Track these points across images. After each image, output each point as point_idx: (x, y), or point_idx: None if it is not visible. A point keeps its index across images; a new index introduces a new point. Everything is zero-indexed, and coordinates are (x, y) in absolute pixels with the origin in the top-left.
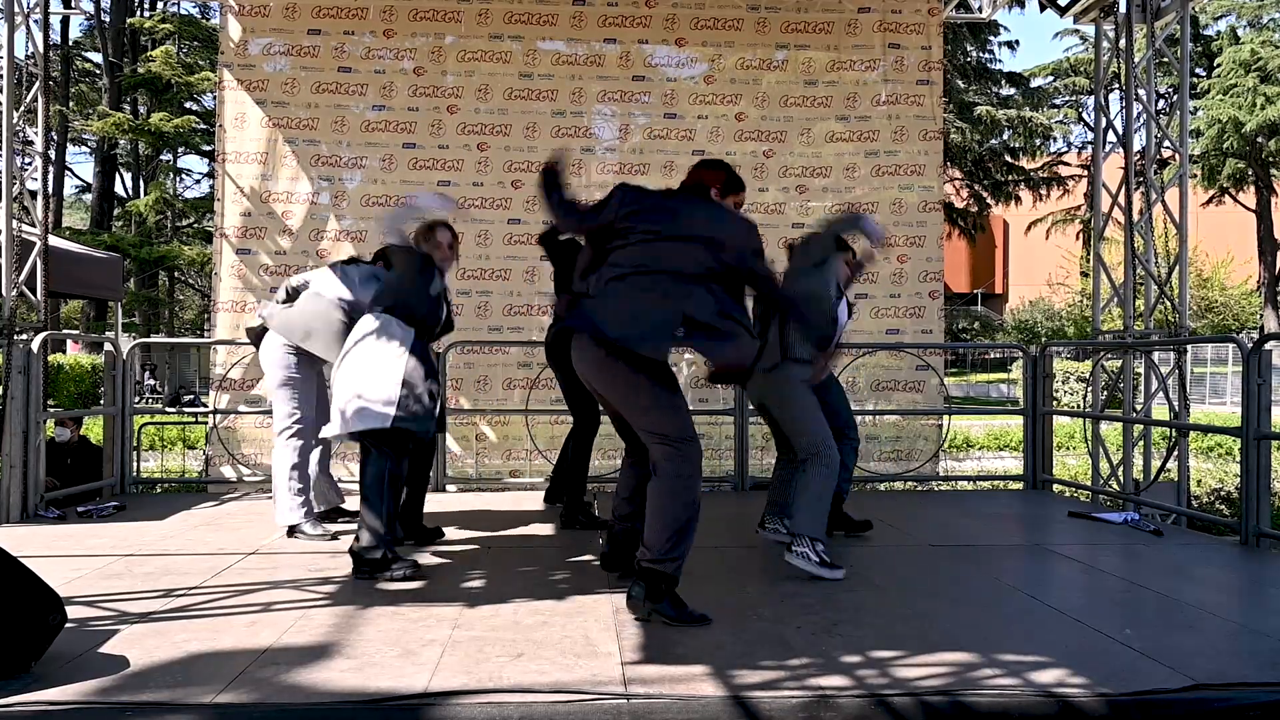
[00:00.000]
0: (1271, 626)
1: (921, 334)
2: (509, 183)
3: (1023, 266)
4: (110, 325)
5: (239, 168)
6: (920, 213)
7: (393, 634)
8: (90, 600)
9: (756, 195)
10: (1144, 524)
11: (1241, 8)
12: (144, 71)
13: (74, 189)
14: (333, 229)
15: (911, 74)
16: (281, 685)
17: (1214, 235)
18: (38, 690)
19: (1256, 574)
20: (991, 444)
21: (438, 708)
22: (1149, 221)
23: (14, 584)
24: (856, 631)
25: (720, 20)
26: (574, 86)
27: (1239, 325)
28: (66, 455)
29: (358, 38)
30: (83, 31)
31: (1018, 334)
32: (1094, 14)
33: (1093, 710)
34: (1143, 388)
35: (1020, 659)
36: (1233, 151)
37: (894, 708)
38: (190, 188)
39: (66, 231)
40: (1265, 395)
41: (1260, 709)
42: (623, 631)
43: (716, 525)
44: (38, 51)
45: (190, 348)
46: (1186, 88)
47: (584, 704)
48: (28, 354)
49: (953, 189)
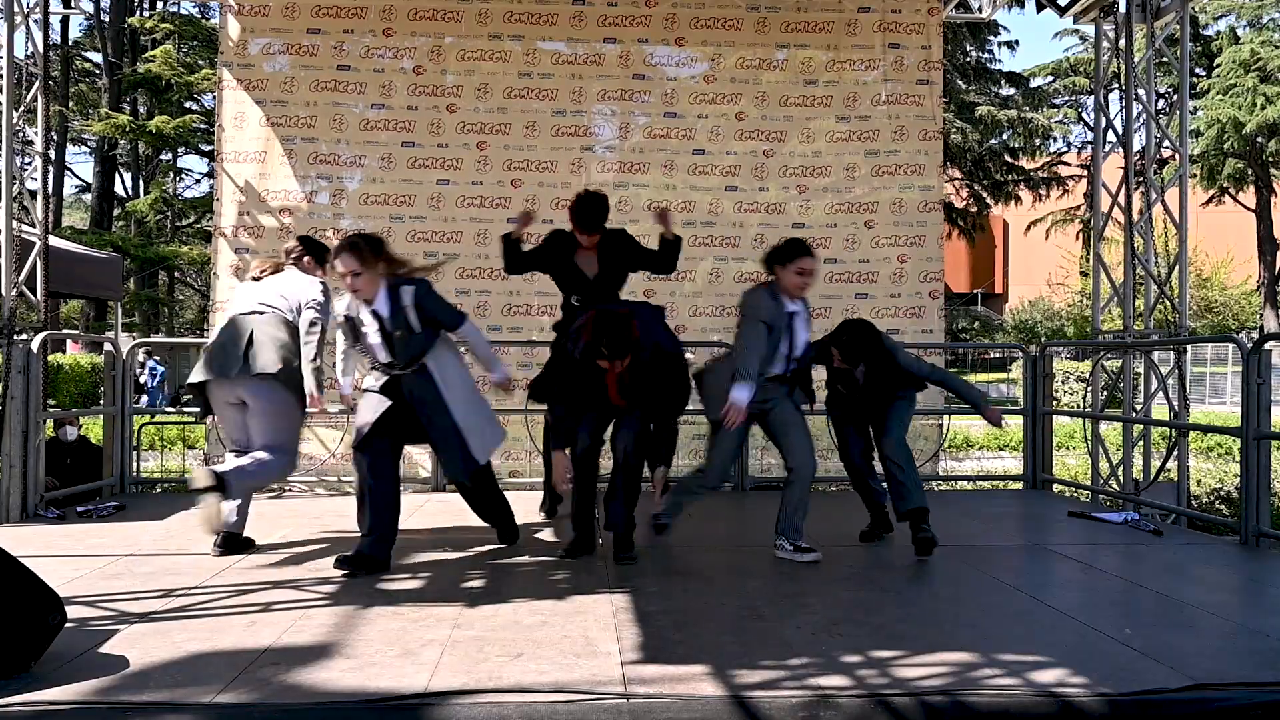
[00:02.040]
0: (1271, 626)
1: (922, 334)
2: (508, 182)
3: (1022, 266)
4: (110, 325)
5: (238, 167)
6: (920, 213)
7: (392, 634)
8: (90, 600)
9: (756, 195)
10: (1144, 524)
11: (1241, 8)
12: (144, 71)
13: (74, 189)
14: (331, 228)
15: (911, 74)
16: (281, 685)
17: (1214, 235)
18: (38, 690)
19: (1256, 574)
20: (991, 444)
21: (437, 708)
22: (1149, 221)
23: (14, 584)
24: (856, 631)
25: (720, 20)
26: (574, 86)
27: (1239, 325)
28: (66, 455)
29: (357, 37)
30: (82, 31)
31: (1017, 334)
32: (1094, 14)
33: (1093, 710)
34: (1142, 388)
35: (1020, 659)
36: (1232, 151)
37: (894, 708)
38: (190, 187)
39: (67, 231)
40: (1265, 395)
41: (1260, 709)
42: (623, 631)
43: (717, 525)
44: (37, 51)
45: (190, 348)
46: (1186, 88)
47: (584, 704)
48: (28, 354)
49: (953, 189)
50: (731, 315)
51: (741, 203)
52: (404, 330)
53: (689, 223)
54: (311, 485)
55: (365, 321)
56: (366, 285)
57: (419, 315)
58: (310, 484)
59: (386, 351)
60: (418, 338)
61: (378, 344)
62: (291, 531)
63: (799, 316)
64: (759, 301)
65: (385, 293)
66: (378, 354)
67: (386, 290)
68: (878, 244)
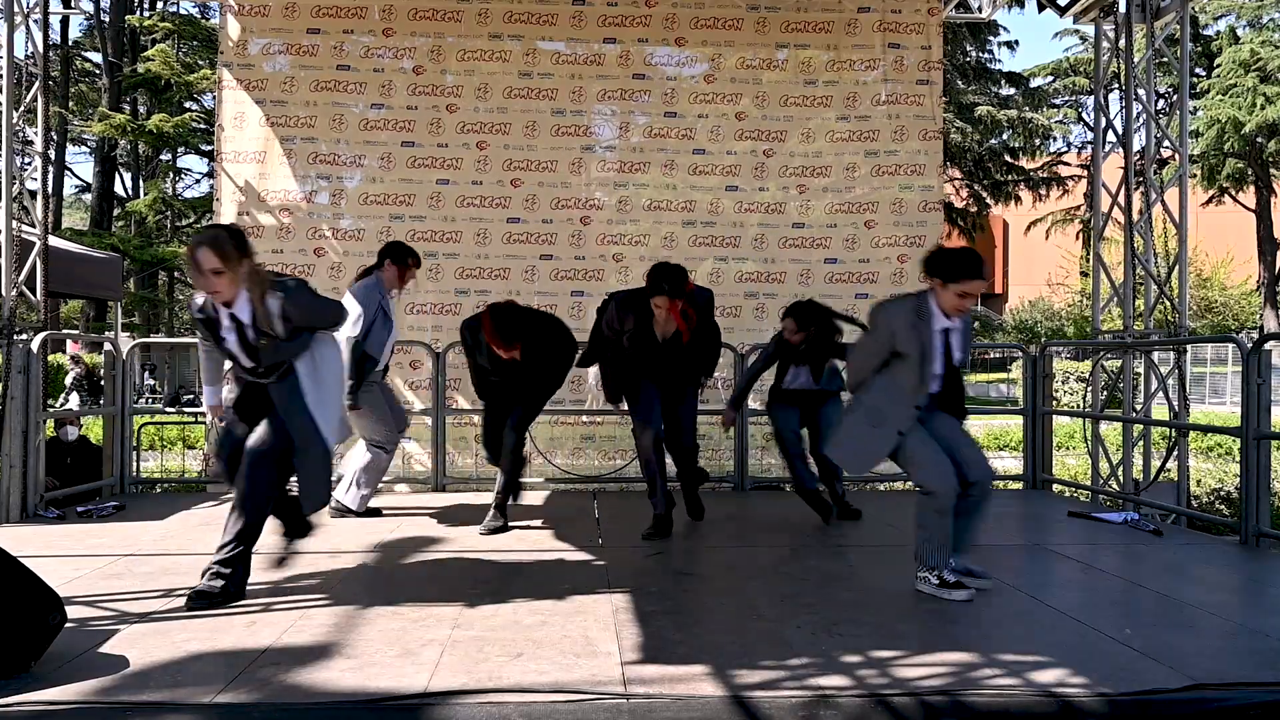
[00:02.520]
0: (1271, 626)
1: None
2: (508, 181)
3: (1022, 266)
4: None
5: (238, 167)
6: (920, 212)
7: (392, 634)
8: (90, 600)
9: (757, 194)
10: (1144, 524)
11: (1241, 8)
12: (143, 71)
13: (74, 189)
14: (331, 228)
15: (911, 74)
16: (281, 685)
17: (1214, 235)
18: (38, 690)
19: (1256, 574)
20: (991, 444)
21: (437, 708)
22: (1149, 221)
23: (14, 584)
24: (856, 631)
25: (720, 20)
26: (574, 86)
27: (1239, 325)
28: (66, 455)
29: (357, 37)
30: (82, 31)
31: (1017, 334)
32: (1094, 14)
33: (1093, 710)
34: (1142, 388)
35: (1020, 659)
36: (1232, 151)
37: (894, 707)
38: (190, 188)
39: (67, 231)
40: (1265, 395)
41: (1260, 709)
42: (622, 631)
43: (717, 525)
44: (37, 51)
45: (190, 348)
46: (1186, 88)
47: (583, 704)
48: (28, 354)
49: (952, 189)
50: (732, 315)
51: (742, 202)
52: (269, 338)
53: (689, 222)
54: None
55: (224, 324)
56: (228, 287)
57: (285, 325)
58: None
59: (248, 357)
60: (285, 345)
61: (239, 351)
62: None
63: (955, 333)
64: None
65: (247, 300)
66: (239, 359)
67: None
68: (878, 244)
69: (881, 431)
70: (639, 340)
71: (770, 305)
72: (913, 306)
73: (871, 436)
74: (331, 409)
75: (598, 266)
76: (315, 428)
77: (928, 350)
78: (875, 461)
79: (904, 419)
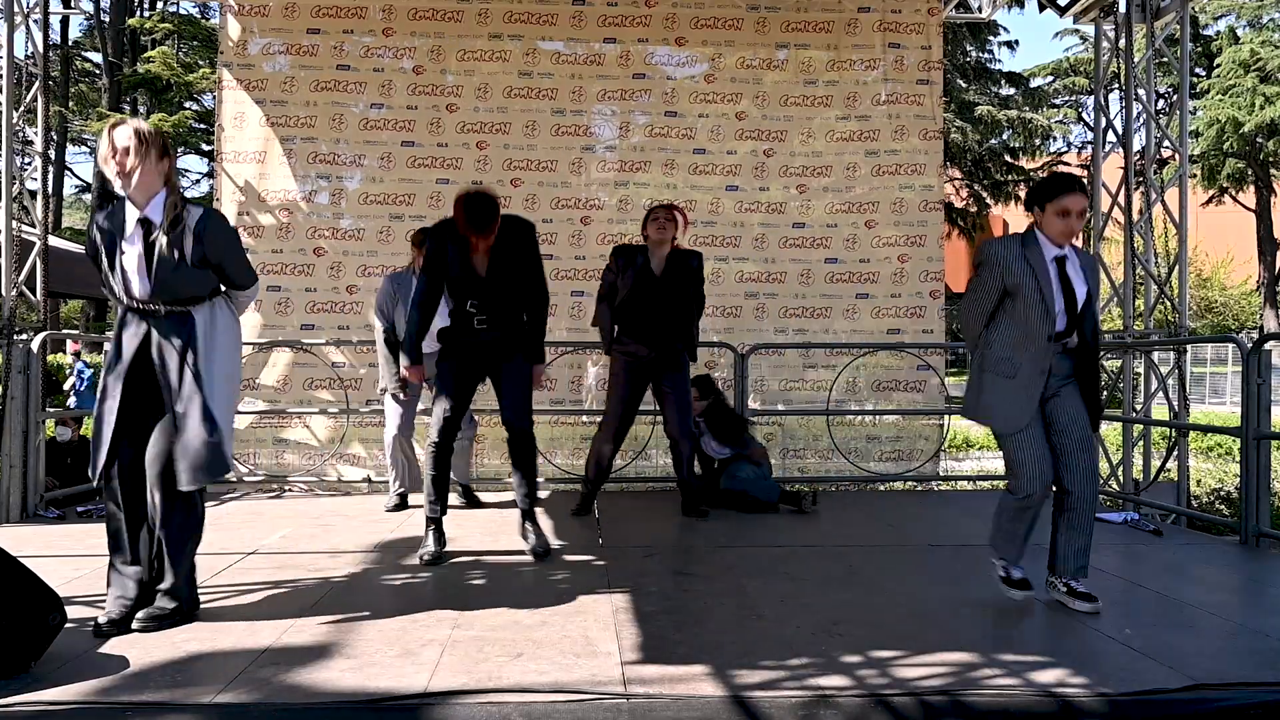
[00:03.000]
0: (1271, 626)
1: (922, 334)
2: (508, 181)
3: None
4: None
5: (238, 167)
6: (920, 212)
7: (392, 634)
8: (90, 600)
9: (757, 194)
10: (1144, 524)
11: (1241, 8)
12: (143, 71)
13: (74, 189)
14: (331, 228)
15: (911, 74)
16: (281, 685)
17: (1214, 235)
18: (38, 690)
19: (1256, 574)
20: (991, 444)
21: (437, 708)
22: (1149, 221)
23: (14, 584)
24: (856, 631)
25: (720, 20)
26: (574, 85)
27: (1239, 325)
28: (66, 455)
29: (357, 37)
30: (82, 31)
31: None
32: (1094, 14)
33: (1093, 710)
34: (1142, 388)
35: (1020, 659)
36: (1232, 151)
37: (894, 707)
38: (190, 188)
39: (67, 231)
40: (1265, 395)
41: (1260, 709)
42: (622, 631)
43: (717, 525)
44: (37, 51)
45: None
46: (1186, 88)
47: (583, 704)
48: (28, 354)
49: (952, 189)
50: (732, 315)
51: (742, 202)
52: (175, 255)
53: (689, 222)
54: (312, 485)
55: (128, 229)
56: (145, 175)
57: (197, 248)
58: (310, 484)
59: (145, 280)
60: (190, 272)
61: (134, 268)
62: (292, 531)
63: (1071, 264)
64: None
65: (163, 200)
66: (130, 282)
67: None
68: (878, 244)
69: (1020, 380)
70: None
71: (770, 305)
72: (1019, 238)
73: (1011, 389)
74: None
75: (598, 266)
76: (199, 385)
77: (1041, 278)
78: (1031, 409)
79: (1039, 361)
